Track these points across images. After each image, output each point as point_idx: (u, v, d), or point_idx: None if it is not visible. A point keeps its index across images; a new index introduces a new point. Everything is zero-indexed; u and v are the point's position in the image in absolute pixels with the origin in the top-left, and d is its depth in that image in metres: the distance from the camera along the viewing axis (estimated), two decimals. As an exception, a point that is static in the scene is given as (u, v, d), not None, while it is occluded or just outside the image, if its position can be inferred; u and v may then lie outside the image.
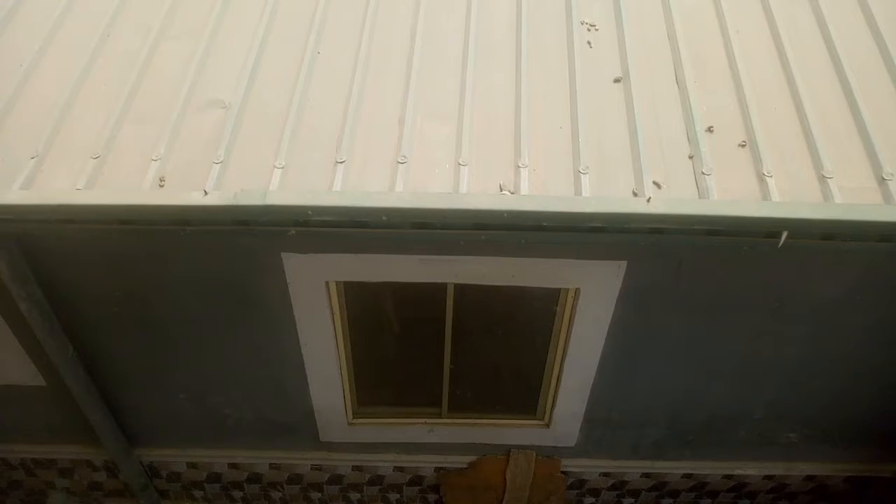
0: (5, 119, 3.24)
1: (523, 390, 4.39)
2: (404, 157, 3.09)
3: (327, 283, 3.57)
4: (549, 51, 3.51)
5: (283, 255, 3.38)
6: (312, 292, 3.58)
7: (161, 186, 2.97)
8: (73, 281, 3.56)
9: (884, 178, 3.02)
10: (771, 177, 3.01)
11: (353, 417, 4.51)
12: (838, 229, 2.93)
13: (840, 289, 3.44)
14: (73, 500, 5.27)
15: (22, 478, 5.18)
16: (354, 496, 5.22)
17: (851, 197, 2.97)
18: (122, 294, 3.61)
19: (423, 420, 4.53)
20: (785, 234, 2.92)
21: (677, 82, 3.36)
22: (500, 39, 3.57)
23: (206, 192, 2.84)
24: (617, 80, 3.37)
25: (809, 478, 4.88)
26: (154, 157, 3.06)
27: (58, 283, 3.55)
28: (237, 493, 5.23)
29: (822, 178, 3.02)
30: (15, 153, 3.10)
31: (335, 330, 3.83)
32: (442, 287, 3.71)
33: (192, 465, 4.95)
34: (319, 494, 5.21)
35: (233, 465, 4.93)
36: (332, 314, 3.74)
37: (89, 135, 3.16)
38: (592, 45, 3.52)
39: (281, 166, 3.04)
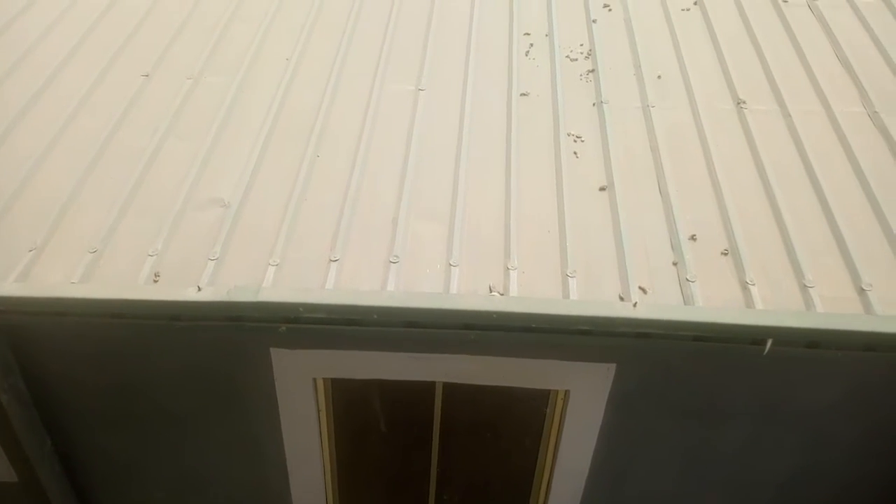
0: (8, 212, 3.32)
1: (512, 496, 4.26)
2: (396, 256, 3.16)
3: (315, 379, 3.55)
4: (537, 159, 3.68)
5: (273, 350, 3.38)
6: (299, 389, 3.55)
7: (155, 282, 3.01)
8: (59, 373, 3.53)
9: (863, 289, 3.10)
10: (754, 285, 3.09)
11: (336, 521, 4.35)
12: (822, 338, 2.97)
13: (828, 397, 3.44)
14: None
15: (-19, 582, 4.88)
16: None
17: (832, 306, 3.04)
18: (108, 387, 3.57)
19: (407, 526, 4.37)
20: (770, 342, 2.96)
21: (661, 192, 3.50)
22: (491, 147, 3.74)
23: (199, 288, 2.88)
24: (602, 189, 3.51)
25: None
26: (151, 253, 3.12)
27: (43, 376, 3.51)
28: None
29: (804, 288, 3.10)
30: (14, 245, 3.16)
31: (320, 428, 3.77)
32: (430, 386, 3.69)
33: (163, 571, 4.69)
34: None
35: (207, 571, 4.67)
36: (318, 412, 3.68)
37: (89, 229, 3.23)
38: (578, 156, 3.70)
39: (275, 263, 3.10)
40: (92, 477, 4.08)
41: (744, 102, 4.05)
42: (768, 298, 3.06)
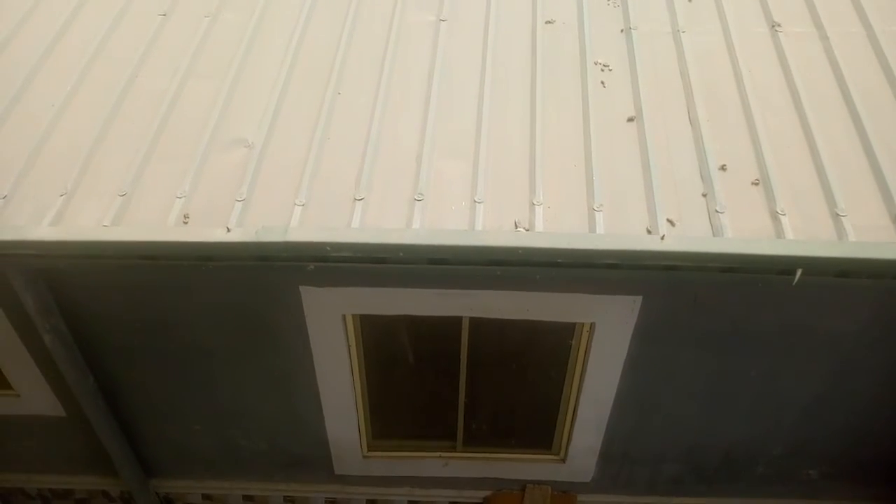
0: (36, 158, 3.36)
1: (539, 425, 4.38)
2: (421, 194, 3.15)
3: (344, 316, 3.62)
4: (563, 90, 3.58)
5: (302, 288, 3.44)
6: (329, 325, 3.63)
7: (185, 223, 3.04)
8: (96, 313, 3.64)
9: (898, 216, 3.04)
10: (784, 215, 3.04)
11: (368, 450, 4.52)
12: (852, 267, 2.94)
13: (855, 325, 3.43)
14: (89, 530, 5.29)
15: (39, 507, 5.21)
16: (368, 530, 5.19)
17: (865, 235, 2.98)
18: (144, 326, 3.68)
19: (437, 454, 4.53)
20: (800, 272, 2.93)
21: (690, 121, 3.41)
22: (516, 79, 3.65)
23: (228, 229, 2.92)
24: (630, 120, 3.43)
25: (830, 516, 4.79)
26: (179, 195, 3.15)
27: (82, 316, 3.63)
28: (251, 526, 5.22)
29: (836, 217, 3.04)
30: (45, 191, 3.21)
31: (351, 363, 3.87)
32: (457, 321, 3.74)
33: (207, 497, 4.95)
34: (333, 527, 5.18)
35: (247, 497, 4.93)
36: (349, 347, 3.78)
37: (117, 173, 3.26)
38: (606, 85, 3.59)
39: (301, 203, 3.11)
40: (134, 411, 4.27)
41: (779, 25, 3.87)
42: (799, 228, 3.01)
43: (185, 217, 3.07)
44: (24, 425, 4.41)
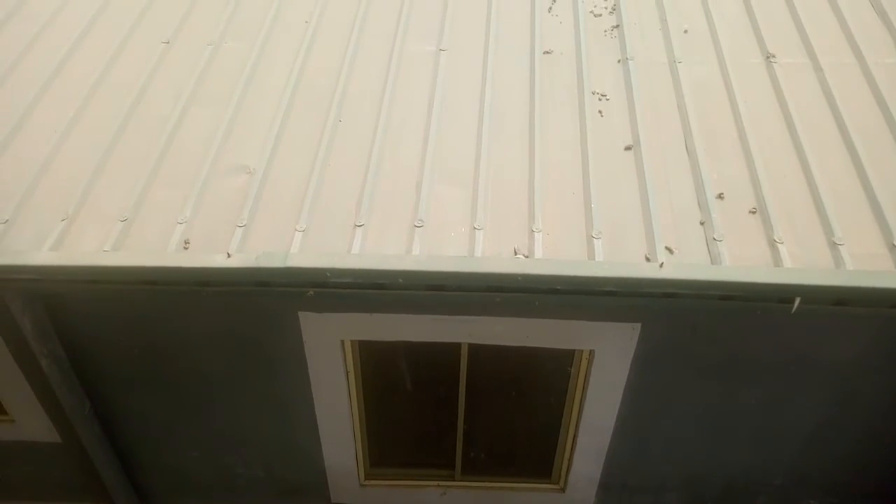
0: (38, 183, 3.38)
1: (538, 453, 4.35)
2: (421, 220, 3.17)
3: (342, 341, 3.61)
4: (561, 119, 3.63)
5: (301, 314, 3.44)
6: (328, 351, 3.62)
7: (185, 249, 3.06)
8: (95, 338, 3.63)
9: (895, 245, 3.05)
10: (782, 243, 3.06)
11: (366, 479, 4.47)
12: (850, 296, 2.94)
13: (855, 353, 3.43)
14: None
15: (31, 536, 5.13)
16: (364, 560, 5.11)
17: (862, 263, 3.00)
18: (142, 352, 3.67)
19: (435, 482, 4.48)
20: (798, 301, 2.94)
21: (687, 150, 3.45)
22: (514, 108, 3.70)
23: (229, 255, 2.93)
24: (628, 148, 3.47)
25: (833, 548, 4.73)
26: (180, 220, 3.16)
27: (79, 341, 3.62)
28: (246, 555, 5.14)
29: (833, 245, 3.06)
30: (46, 216, 3.22)
31: (349, 388, 3.85)
32: (456, 347, 3.74)
33: (201, 525, 4.89)
34: (329, 557, 5.10)
35: (242, 526, 4.86)
36: (347, 372, 3.76)
37: (118, 197, 3.28)
38: (604, 114, 3.64)
39: (302, 229, 3.13)
40: (130, 437, 4.23)
41: (773, 56, 3.94)
42: (797, 256, 3.03)
43: (186, 242, 3.09)
44: (18, 451, 4.37)
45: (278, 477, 4.43)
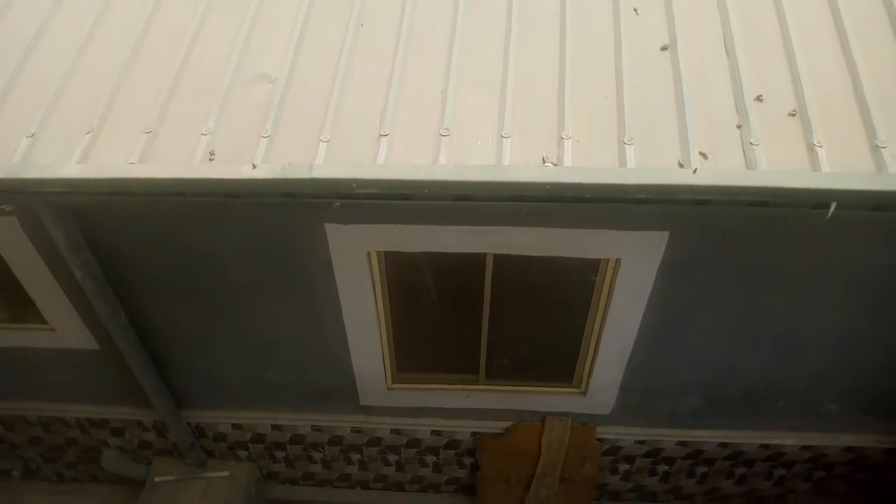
0: (61, 97, 3.33)
1: (560, 359, 4.44)
2: (447, 129, 3.09)
3: (369, 252, 3.63)
4: (594, 18, 3.44)
5: (327, 225, 3.45)
6: (354, 262, 3.65)
7: (211, 160, 3.03)
8: (126, 250, 3.69)
9: (940, 149, 2.94)
10: (821, 146, 2.95)
11: (393, 382, 4.62)
12: (890, 201, 2.86)
13: (887, 258, 3.38)
14: (125, 457, 5.53)
15: (77, 436, 5.44)
16: (392, 458, 5.38)
17: (906, 167, 2.89)
18: (172, 262, 3.73)
19: (460, 386, 4.62)
20: (834, 206, 2.86)
21: (726, 50, 3.27)
22: (544, 7, 3.51)
23: (254, 166, 2.90)
24: (664, 48, 3.30)
25: (848, 449, 4.87)
26: (204, 132, 3.12)
27: (111, 252, 3.68)
28: (280, 454, 5.42)
29: (875, 148, 2.95)
30: (71, 128, 3.19)
31: (376, 298, 3.91)
32: (481, 257, 3.75)
33: (237, 427, 5.14)
34: (359, 456, 5.37)
35: (276, 427, 5.11)
36: (373, 283, 3.81)
37: (142, 110, 3.22)
38: (639, 12, 3.44)
39: (326, 140, 3.07)
40: (164, 344, 4.38)
41: (822, -55, 3.66)
42: (836, 160, 2.93)
43: (211, 154, 3.05)
44: (59, 358, 4.55)
45: (309, 382, 4.60)
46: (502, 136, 3.07)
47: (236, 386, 4.71)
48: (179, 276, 3.82)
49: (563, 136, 3.05)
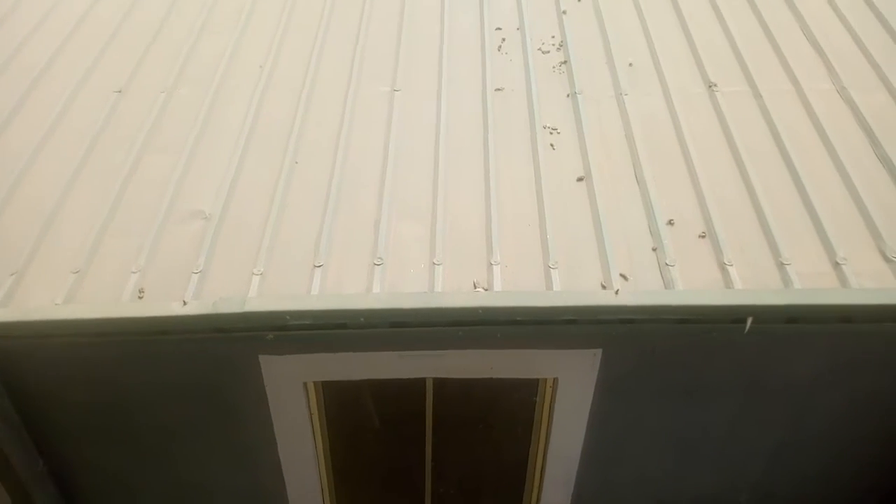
0: (-13, 236, 3.31)
1: (507, 485, 4.32)
2: (380, 258, 3.18)
3: (305, 383, 3.57)
4: (515, 153, 3.71)
5: (261, 357, 3.39)
6: (290, 394, 3.57)
7: (140, 298, 3.01)
8: (48, 394, 3.51)
9: (838, 263, 3.17)
10: (732, 265, 3.15)
11: (335, 522, 4.38)
12: (800, 313, 3.04)
13: (809, 368, 3.51)
14: None
15: None
16: None
17: (809, 282, 3.10)
18: (99, 405, 3.56)
19: (406, 521, 4.41)
20: (750, 320, 3.02)
21: (637, 179, 3.55)
22: (469, 144, 3.77)
23: (185, 302, 2.89)
24: (580, 179, 3.55)
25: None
26: (134, 270, 3.12)
27: (31, 397, 3.50)
28: None
29: (781, 265, 3.17)
30: (-5, 270, 3.15)
31: (314, 431, 3.79)
32: (421, 383, 3.72)
33: (165, 583, 4.70)
34: None
35: (209, 581, 4.69)
36: (311, 415, 3.70)
37: (70, 249, 3.22)
38: (555, 147, 3.73)
39: (259, 273, 3.11)
40: (87, 494, 4.07)
41: (715, 85, 4.11)
42: (747, 277, 3.12)
43: (140, 292, 3.04)
44: (-33, 516, 4.17)
45: (244, 525, 4.31)
46: (434, 264, 3.18)
47: (166, 535, 4.37)
48: (105, 420, 3.63)
49: (492, 262, 3.18)
